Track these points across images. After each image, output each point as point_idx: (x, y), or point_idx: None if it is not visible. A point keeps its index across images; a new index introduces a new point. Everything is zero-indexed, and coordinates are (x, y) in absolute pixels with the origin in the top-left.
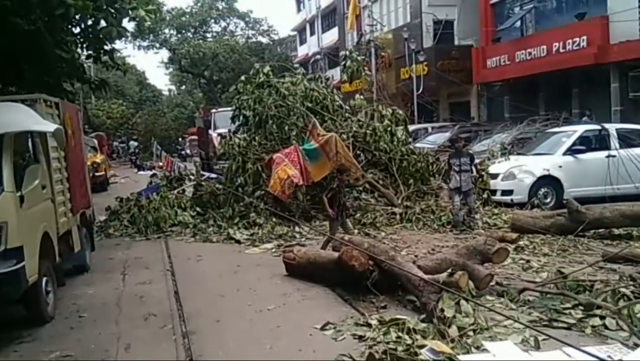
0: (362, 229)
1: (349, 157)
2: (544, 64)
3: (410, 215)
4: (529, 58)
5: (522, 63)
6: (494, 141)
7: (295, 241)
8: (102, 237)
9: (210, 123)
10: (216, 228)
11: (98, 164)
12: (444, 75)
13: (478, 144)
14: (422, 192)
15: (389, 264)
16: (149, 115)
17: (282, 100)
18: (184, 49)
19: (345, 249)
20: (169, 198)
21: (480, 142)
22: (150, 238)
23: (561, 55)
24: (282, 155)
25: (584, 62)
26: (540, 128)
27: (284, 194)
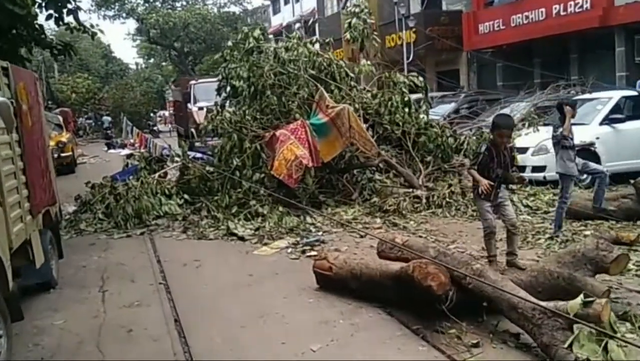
0: (386, 218)
1: (363, 133)
2: (543, 28)
3: (438, 199)
4: (525, 22)
5: (518, 28)
6: (512, 110)
7: (312, 236)
8: (71, 234)
9: (189, 96)
10: (211, 221)
11: (64, 144)
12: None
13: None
14: (442, 171)
15: (476, 282)
16: (116, 89)
17: (282, 67)
18: (153, 19)
19: (418, 264)
20: (150, 184)
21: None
22: (131, 234)
23: (562, 19)
24: (287, 131)
25: (588, 25)
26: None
27: (290, 178)
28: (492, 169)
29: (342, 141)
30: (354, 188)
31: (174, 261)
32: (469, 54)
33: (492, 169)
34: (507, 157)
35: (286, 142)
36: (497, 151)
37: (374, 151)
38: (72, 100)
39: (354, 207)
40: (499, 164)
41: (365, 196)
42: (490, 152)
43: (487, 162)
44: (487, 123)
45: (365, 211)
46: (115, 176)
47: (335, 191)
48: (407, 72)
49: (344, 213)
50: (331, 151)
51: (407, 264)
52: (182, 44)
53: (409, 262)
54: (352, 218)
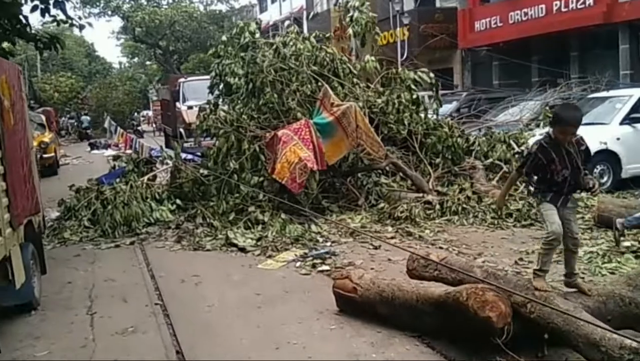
0: (397, 226)
1: (370, 133)
2: (543, 25)
3: (454, 205)
4: (524, 19)
5: (517, 25)
6: (522, 109)
7: (321, 247)
8: (55, 244)
9: (177, 94)
10: (207, 229)
11: (47, 144)
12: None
13: (502, 114)
14: (452, 174)
15: (541, 311)
16: (100, 88)
17: (283, 62)
18: (138, 17)
19: (473, 290)
20: (139, 187)
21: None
22: (120, 244)
23: (562, 15)
24: (290, 132)
25: (590, 22)
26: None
27: (294, 182)
28: (557, 172)
29: (348, 142)
30: (359, 193)
31: (170, 276)
32: (463, 52)
33: (556, 171)
34: (574, 156)
35: (289, 143)
36: (556, 150)
37: (382, 152)
38: (55, 99)
39: (361, 213)
40: (563, 165)
41: (371, 202)
42: (546, 152)
43: (543, 166)
44: (496, 123)
45: (373, 218)
46: (102, 179)
47: (338, 195)
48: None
49: (350, 220)
50: (336, 152)
51: (456, 289)
52: (167, 42)
53: (458, 286)
54: (360, 225)
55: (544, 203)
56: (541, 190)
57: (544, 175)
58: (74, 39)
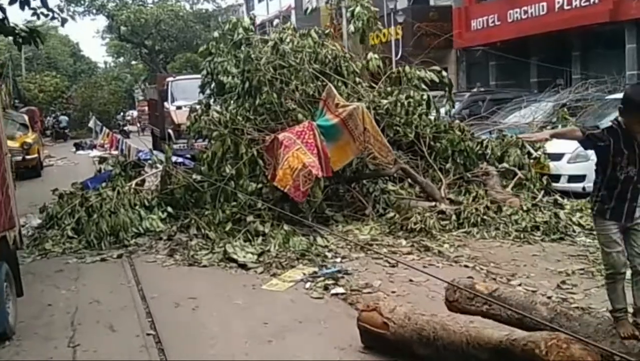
0: (412, 239)
1: (379, 136)
2: (543, 23)
3: (472, 215)
4: (524, 17)
5: (516, 23)
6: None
7: (331, 265)
8: (35, 257)
9: (166, 94)
10: (203, 241)
11: (30, 145)
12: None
13: (512, 115)
14: (465, 180)
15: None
16: (85, 88)
17: (282, 59)
18: (124, 15)
19: (555, 342)
20: (127, 193)
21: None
22: (107, 257)
23: (566, 13)
24: (293, 135)
25: (596, 21)
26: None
27: (298, 190)
28: (620, 167)
29: (354, 146)
30: (366, 201)
31: (163, 297)
32: (458, 51)
33: (620, 166)
34: None
35: (291, 147)
36: (627, 141)
37: (391, 157)
38: (40, 99)
39: (369, 223)
40: (631, 160)
41: (379, 211)
42: (616, 137)
43: (606, 154)
44: (507, 125)
45: (383, 229)
46: (87, 183)
47: (342, 204)
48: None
49: (358, 232)
50: (342, 157)
51: (529, 338)
52: (153, 41)
53: (520, 329)
54: (369, 237)
55: (602, 220)
56: (600, 198)
57: (604, 168)
58: (59, 39)
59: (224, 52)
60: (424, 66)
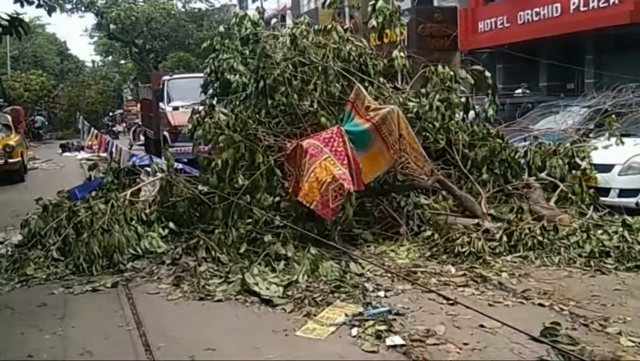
0: (460, 265)
1: (415, 144)
2: (557, 25)
3: (526, 237)
4: (536, 19)
5: (527, 25)
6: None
7: (374, 299)
8: (14, 284)
9: (161, 94)
10: (214, 266)
11: (12, 148)
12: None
13: (544, 121)
14: (505, 193)
15: None
16: (72, 87)
17: (302, 55)
18: (114, 13)
19: None
20: (121, 207)
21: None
22: (99, 286)
23: (581, 15)
24: (319, 142)
25: (615, 22)
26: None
27: (326, 207)
28: None
29: (388, 155)
30: (398, 217)
31: (173, 347)
32: (463, 54)
33: None
34: None
35: (318, 157)
36: None
37: (427, 168)
38: (25, 97)
39: (404, 244)
40: None
41: (412, 228)
42: None
43: None
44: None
45: (422, 251)
46: (74, 192)
47: (370, 220)
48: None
49: (394, 254)
50: (374, 168)
51: None
52: (144, 40)
53: None
54: (409, 262)
55: None
56: None
57: None
58: (46, 37)
59: (229, 48)
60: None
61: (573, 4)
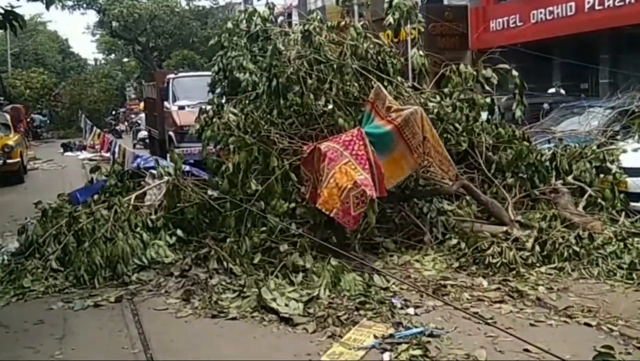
0: (491, 277)
1: (440, 148)
2: (571, 24)
3: (561, 246)
4: (549, 18)
5: (541, 24)
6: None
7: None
8: (9, 298)
9: (166, 93)
10: (227, 279)
11: (11, 148)
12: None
13: (566, 121)
14: (531, 198)
15: None
16: (74, 85)
17: (317, 53)
18: (116, 10)
19: None
20: (125, 212)
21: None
22: (102, 300)
23: (596, 14)
24: (338, 145)
25: (632, 22)
26: None
27: (347, 215)
28: None
29: (412, 160)
30: (422, 224)
31: None
32: (474, 53)
33: None
34: None
35: (338, 161)
36: None
37: (452, 172)
38: (26, 96)
39: (428, 253)
40: None
41: (436, 236)
42: None
43: None
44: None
45: (449, 262)
46: (75, 195)
47: (391, 227)
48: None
49: (418, 265)
50: (396, 173)
51: None
52: (147, 38)
53: None
54: (436, 274)
55: None
56: None
57: None
58: (47, 34)
59: (238, 45)
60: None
61: (588, 3)
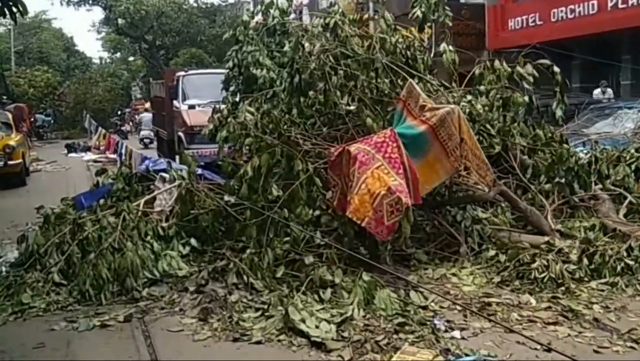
0: (538, 293)
1: (477, 150)
2: (593, 23)
3: (611, 259)
4: (570, 17)
5: (561, 23)
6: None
7: (450, 343)
8: (7, 315)
9: (175, 91)
10: (247, 295)
11: (12, 149)
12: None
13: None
14: (570, 206)
15: None
16: (79, 84)
17: (343, 47)
18: (122, 7)
19: None
20: (134, 220)
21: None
22: (109, 320)
23: (619, 12)
24: (369, 147)
25: None
26: None
27: (380, 224)
28: None
29: (448, 164)
30: (457, 233)
31: None
32: (490, 53)
33: None
34: None
35: (369, 165)
36: None
37: (490, 177)
38: (30, 94)
39: (465, 266)
40: None
41: (471, 246)
42: None
43: None
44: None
45: (489, 275)
46: (80, 199)
47: (423, 237)
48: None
49: (456, 279)
50: (430, 178)
51: None
52: (154, 36)
53: None
54: (476, 289)
55: None
56: None
57: None
58: (52, 32)
59: (254, 40)
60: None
61: (611, 1)
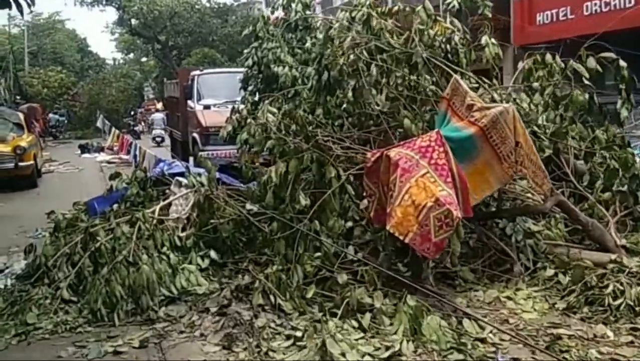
0: (615, 323)
1: (534, 156)
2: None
3: None
4: (605, 10)
5: (594, 17)
6: None
7: None
8: (9, 339)
9: (190, 91)
10: (275, 318)
11: (23, 150)
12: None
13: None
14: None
15: None
16: (93, 84)
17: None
18: (135, 7)
19: None
20: (149, 228)
21: None
22: (122, 345)
23: None
24: (412, 152)
25: None
26: None
27: (427, 241)
28: None
29: (500, 170)
30: (509, 248)
31: None
32: (516, 49)
33: None
34: None
35: (413, 172)
36: None
37: (547, 186)
38: (43, 95)
39: (521, 288)
40: None
41: (526, 265)
42: None
43: None
44: None
45: (552, 300)
46: (92, 204)
47: (468, 253)
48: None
49: (512, 303)
50: (480, 187)
51: None
52: (167, 36)
53: None
54: (539, 317)
55: None
56: None
57: None
58: (66, 33)
59: (275, 36)
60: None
61: None
